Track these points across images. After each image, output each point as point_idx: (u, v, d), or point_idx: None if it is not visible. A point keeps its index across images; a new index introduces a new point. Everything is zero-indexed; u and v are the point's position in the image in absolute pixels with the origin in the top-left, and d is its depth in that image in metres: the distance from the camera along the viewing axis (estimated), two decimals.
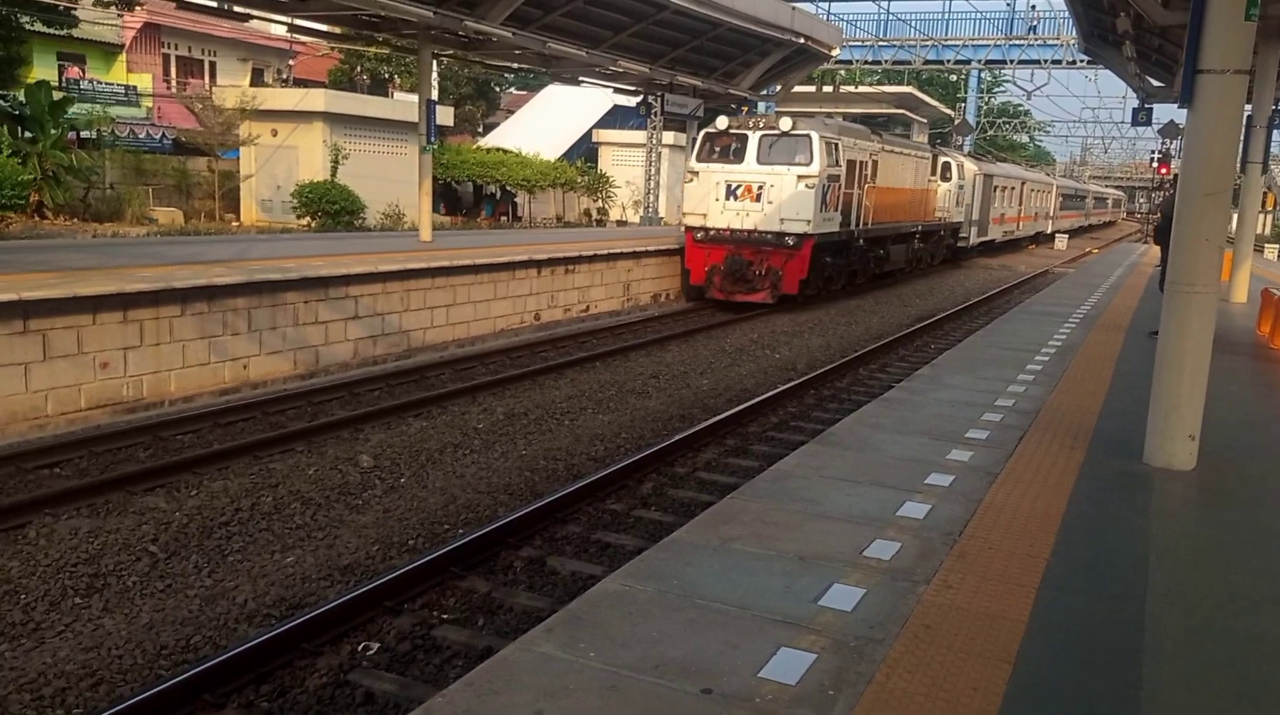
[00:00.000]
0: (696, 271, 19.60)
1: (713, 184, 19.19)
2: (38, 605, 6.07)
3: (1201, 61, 6.21)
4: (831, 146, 19.13)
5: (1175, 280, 6.49)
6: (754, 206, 18.93)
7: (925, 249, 28.42)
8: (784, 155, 18.82)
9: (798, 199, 18.52)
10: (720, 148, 19.44)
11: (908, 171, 24.68)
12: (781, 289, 18.98)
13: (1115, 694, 3.60)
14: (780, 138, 18.85)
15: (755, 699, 3.40)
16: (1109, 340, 12.31)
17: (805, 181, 18.42)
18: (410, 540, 7.25)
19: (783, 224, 18.65)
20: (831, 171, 18.95)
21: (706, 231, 19.23)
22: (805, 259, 18.87)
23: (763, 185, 18.81)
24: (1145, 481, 6.27)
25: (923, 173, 26.19)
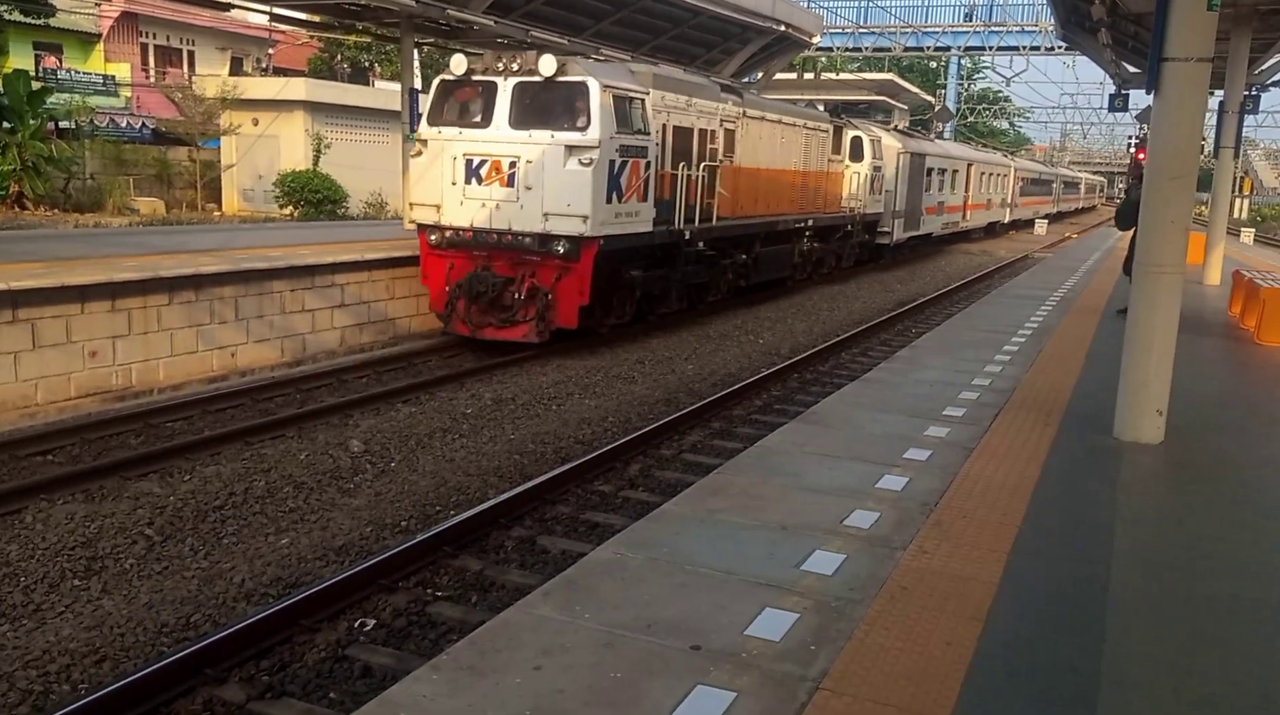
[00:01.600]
0: (436, 292, 13.32)
1: (448, 159, 12.89)
2: (37, 587, 6.19)
3: (1167, 49, 6.42)
4: (628, 104, 12.84)
5: (1143, 261, 6.72)
6: (505, 194, 12.59)
7: (824, 250, 22.50)
8: (547, 115, 12.51)
9: (567, 182, 12.24)
10: (461, 104, 13.11)
11: (792, 147, 19.05)
12: (553, 320, 12.73)
13: (1079, 647, 3.82)
14: (543, 87, 12.45)
15: (741, 654, 3.60)
16: (1084, 322, 12.59)
17: (579, 155, 12.16)
18: (402, 522, 7.41)
19: (547, 222, 12.32)
20: (628, 141, 12.73)
21: (442, 232, 13.02)
22: (585, 275, 12.51)
23: (515, 162, 12.47)
24: (1114, 455, 6.51)
25: (818, 149, 20.59)
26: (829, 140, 21.35)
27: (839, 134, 22.21)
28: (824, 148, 21.02)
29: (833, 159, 21.77)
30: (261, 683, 5.18)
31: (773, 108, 18.65)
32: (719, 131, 15.67)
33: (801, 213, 20.07)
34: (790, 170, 19.22)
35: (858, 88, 41.68)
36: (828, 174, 21.54)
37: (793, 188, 19.44)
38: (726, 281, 17.57)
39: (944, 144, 36.65)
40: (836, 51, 41.36)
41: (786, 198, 19.14)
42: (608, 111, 12.33)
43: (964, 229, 36.84)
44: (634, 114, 13.05)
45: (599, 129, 12.24)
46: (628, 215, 13.07)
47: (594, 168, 12.13)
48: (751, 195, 17.29)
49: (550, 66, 12.24)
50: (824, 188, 21.29)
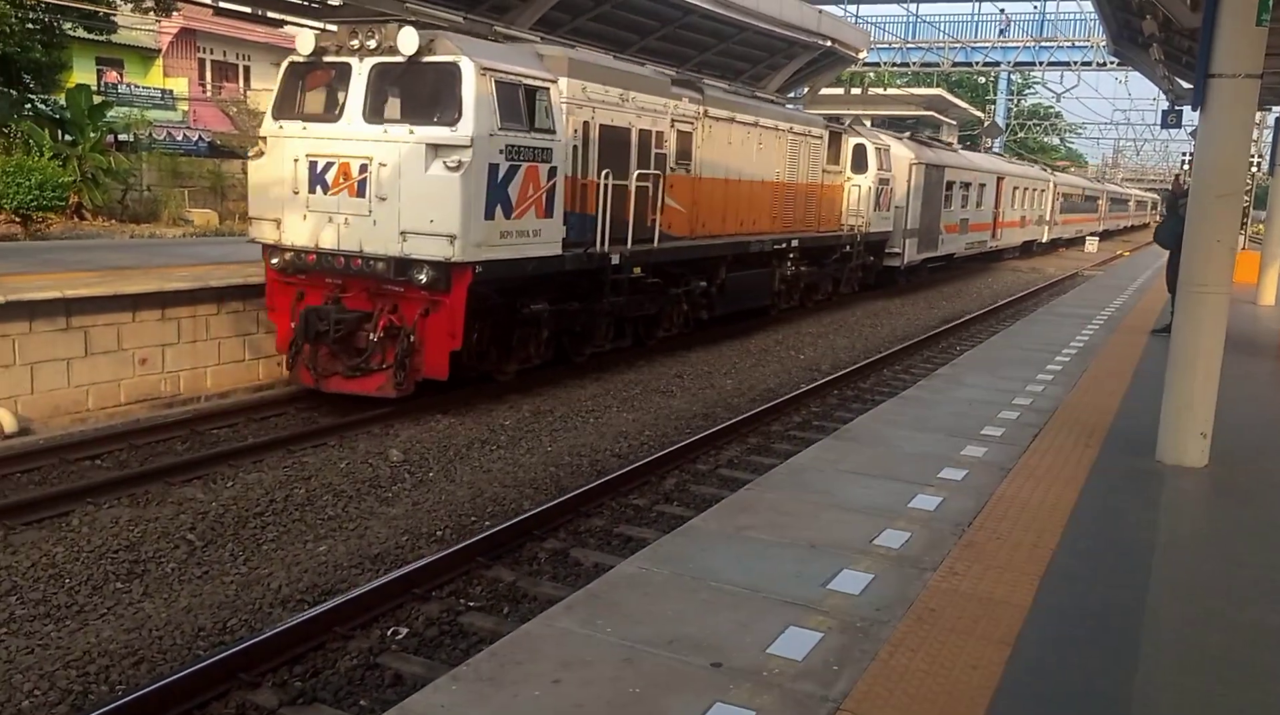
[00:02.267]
0: (282, 330, 10.78)
1: (288, 162, 10.35)
2: (81, 589, 6.33)
3: (1213, 66, 6.32)
4: (521, 93, 10.17)
5: (1187, 280, 6.61)
6: (355, 206, 9.94)
7: (816, 274, 19.39)
8: (408, 106, 10.08)
9: (430, 192, 9.61)
10: (312, 92, 10.63)
11: (772, 155, 16.45)
12: (417, 368, 10.14)
13: (1111, 674, 3.75)
14: (405, 70, 9.92)
15: (762, 672, 3.58)
16: (1131, 342, 12.37)
17: (445, 157, 9.54)
18: (438, 531, 7.48)
19: (405, 242, 9.70)
20: (521, 140, 10.09)
21: (283, 253, 10.49)
22: (458, 310, 9.87)
23: (367, 165, 9.83)
24: (1156, 478, 6.39)
25: (808, 158, 18.01)
26: (822, 148, 18.67)
27: (837, 141, 19.56)
28: (816, 156, 18.39)
29: (829, 170, 19.07)
30: (294, 688, 5.24)
31: (746, 107, 15.65)
32: (669, 134, 13.16)
33: (785, 231, 17.22)
34: (770, 182, 16.52)
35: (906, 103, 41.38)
36: (822, 187, 18.71)
37: (773, 202, 16.68)
38: (681, 313, 14.87)
39: (969, 155, 32.07)
40: (884, 66, 41.15)
41: (765, 214, 16.40)
42: (487, 102, 9.60)
43: (993, 249, 33.36)
44: (533, 107, 10.34)
45: (473, 123, 9.47)
46: (521, 235, 10.32)
47: (465, 173, 9.43)
48: (716, 211, 14.64)
49: (411, 43, 9.54)
50: (816, 203, 18.51)
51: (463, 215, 9.54)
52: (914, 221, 23.76)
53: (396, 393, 10.07)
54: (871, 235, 21.32)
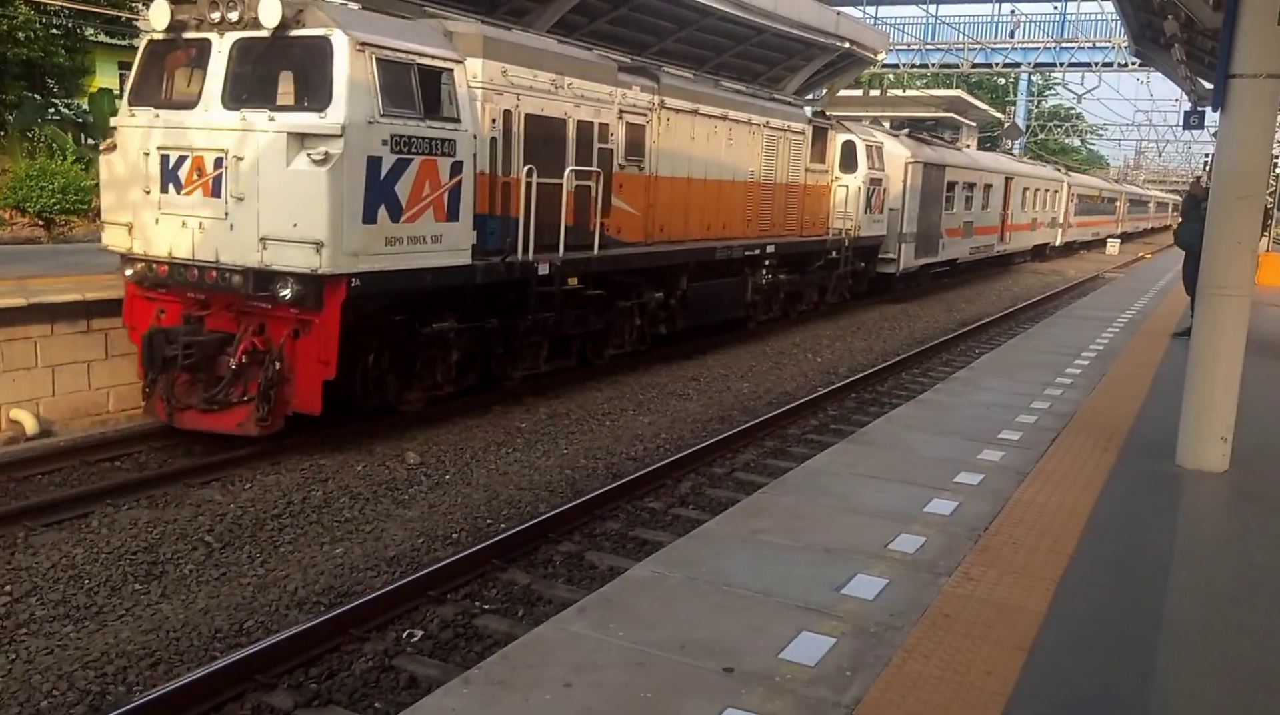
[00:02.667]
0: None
1: (139, 155, 9.03)
2: (100, 590, 6.38)
3: (1234, 66, 6.27)
4: (415, 75, 8.69)
5: (1208, 283, 6.55)
6: (211, 208, 8.58)
7: (797, 283, 17.84)
8: (270, 88, 8.63)
9: (294, 190, 8.22)
10: (171, 73, 9.16)
11: (745, 152, 15.03)
12: (286, 401, 8.67)
13: (1128, 680, 3.72)
14: (269, 47, 8.51)
15: (775, 678, 3.57)
16: (1152, 345, 12.27)
17: (311, 149, 8.16)
18: (454, 534, 7.49)
19: (265, 250, 8.29)
20: (414, 130, 8.63)
21: (134, 263, 9.20)
22: (331, 332, 8.44)
23: (223, 158, 8.47)
24: (1176, 482, 6.33)
25: (788, 156, 16.49)
26: (805, 144, 17.03)
27: (822, 137, 17.91)
28: (798, 154, 16.81)
29: (813, 168, 17.51)
30: (309, 690, 5.26)
31: (713, 99, 14.16)
32: (616, 126, 11.79)
33: (762, 236, 15.69)
34: (743, 182, 15.04)
35: (925, 104, 41.24)
36: (805, 188, 17.18)
37: (747, 204, 15.21)
38: (634, 329, 13.13)
39: (974, 154, 30.36)
40: (903, 68, 41.00)
41: (737, 217, 14.92)
42: (365, 83, 8.19)
43: (1002, 254, 31.38)
44: (434, 91, 8.87)
45: (345, 108, 8.06)
46: (416, 242, 8.82)
47: (334, 168, 8.00)
48: (677, 213, 13.23)
49: (273, 13, 8.15)
50: (798, 204, 16.99)
51: (332, 218, 8.08)
52: (910, 224, 21.96)
53: (259, 430, 8.57)
54: (862, 240, 19.61)
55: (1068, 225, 40.04)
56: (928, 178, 22.76)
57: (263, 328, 8.67)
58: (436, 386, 10.17)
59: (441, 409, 10.46)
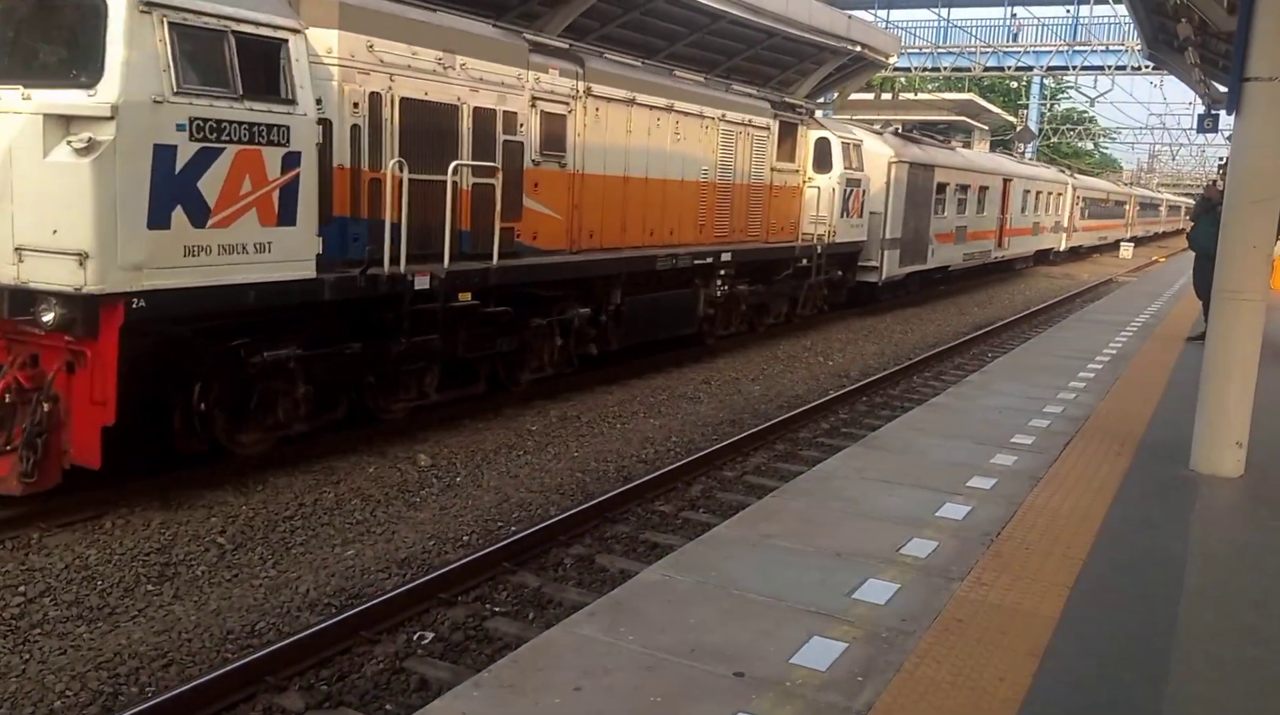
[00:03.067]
0: None
1: None
2: (113, 591, 6.40)
3: (1249, 69, 6.23)
4: (224, 46, 7.08)
5: (1223, 287, 6.51)
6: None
7: (762, 294, 15.96)
8: (31, 61, 7.10)
9: (53, 188, 6.56)
10: None
11: (695, 147, 13.44)
12: (63, 450, 7.05)
13: (1141, 687, 3.69)
14: (36, 9, 7.02)
15: (785, 682, 3.56)
16: (1166, 349, 12.21)
17: (75, 136, 6.46)
18: (465, 536, 7.50)
19: (22, 263, 6.68)
20: (227, 114, 7.08)
21: None
22: (107, 365, 6.74)
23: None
24: (1190, 487, 6.30)
25: (749, 153, 14.89)
26: (770, 141, 15.37)
27: (791, 133, 16.16)
28: (762, 151, 15.16)
29: (780, 168, 15.87)
30: (320, 692, 5.27)
31: (653, 87, 12.51)
32: (529, 115, 10.25)
33: (717, 243, 14.11)
34: (694, 182, 13.50)
35: (937, 108, 41.12)
36: (770, 189, 15.53)
37: (699, 207, 13.71)
38: (555, 349, 11.28)
39: (967, 153, 28.09)
40: (915, 71, 40.90)
41: (687, 221, 13.41)
42: (151, 53, 6.59)
43: (1000, 260, 29.43)
44: (255, 65, 7.25)
45: (120, 83, 6.45)
46: (230, 251, 7.22)
47: (100, 158, 6.40)
48: (611, 217, 11.69)
49: None
50: (763, 207, 15.36)
51: (99, 223, 6.41)
52: (895, 229, 20.22)
53: (22, 489, 6.82)
54: (839, 246, 18.04)
55: (1073, 229, 38.41)
56: (914, 179, 21.00)
57: (35, 360, 6.94)
58: (278, 426, 8.34)
59: (452, 412, 10.47)
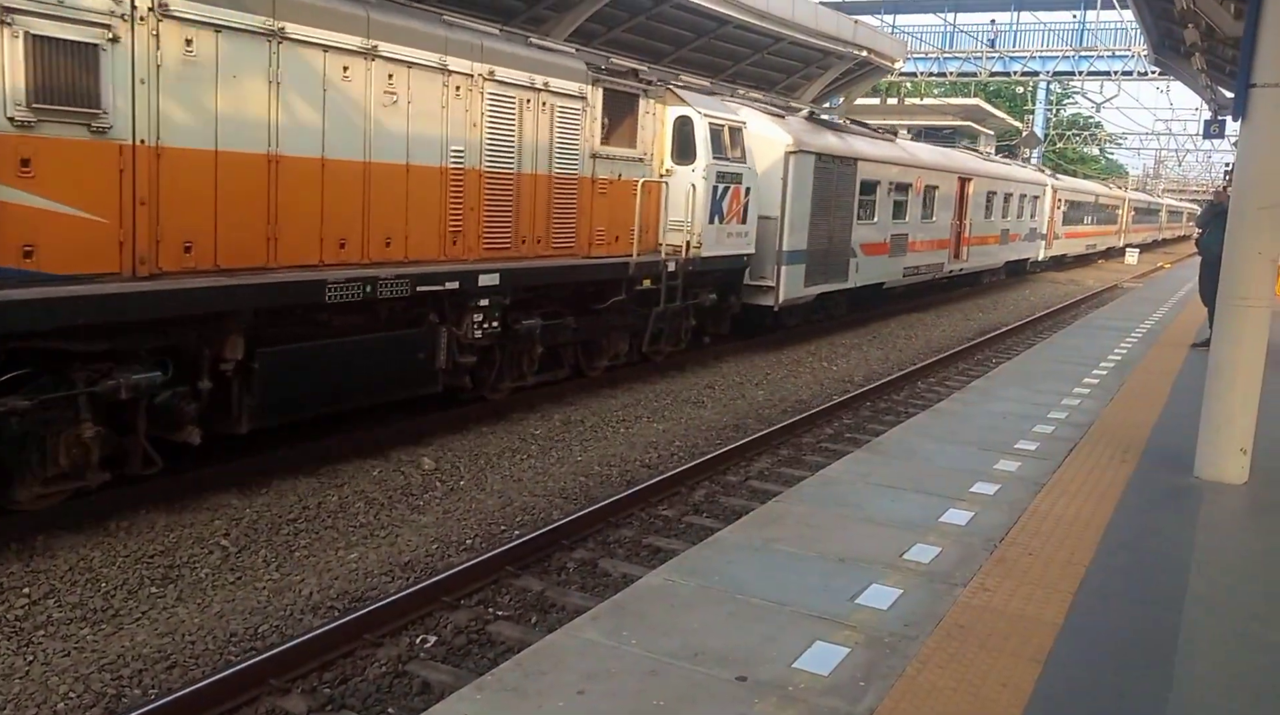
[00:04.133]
0: None
1: None
2: (117, 593, 6.41)
3: (1255, 75, 6.23)
4: None
5: (1228, 293, 6.50)
6: None
7: (574, 330, 11.55)
8: None
9: None
10: None
11: (428, 117, 9.29)
12: None
13: (1144, 694, 3.69)
14: None
15: (788, 687, 3.56)
16: (1170, 355, 12.19)
17: None
18: (468, 540, 7.51)
19: None
20: None
21: None
22: None
23: None
24: (1194, 494, 6.28)
25: (543, 130, 10.74)
26: (588, 115, 11.15)
27: (626, 107, 11.95)
28: (572, 129, 10.93)
29: (606, 154, 11.61)
30: (323, 695, 5.28)
31: (329, 14, 8.30)
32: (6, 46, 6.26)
33: (484, 259, 9.96)
34: (426, 169, 9.28)
35: (942, 113, 41.08)
36: (591, 183, 11.43)
37: (440, 207, 9.48)
38: (83, 444, 6.85)
39: (909, 145, 22.85)
40: (920, 76, 40.94)
41: (421, 227, 9.30)
42: None
43: (957, 275, 25.01)
44: None
45: None
46: None
47: None
48: (235, 218, 7.73)
49: None
50: (574, 208, 11.18)
51: None
52: (796, 239, 15.72)
53: None
54: (709, 261, 13.41)
55: (1054, 237, 34.14)
56: (826, 174, 16.48)
57: None
58: None
59: (457, 415, 10.48)
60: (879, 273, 19.54)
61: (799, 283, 16.07)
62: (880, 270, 19.60)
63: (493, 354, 10.55)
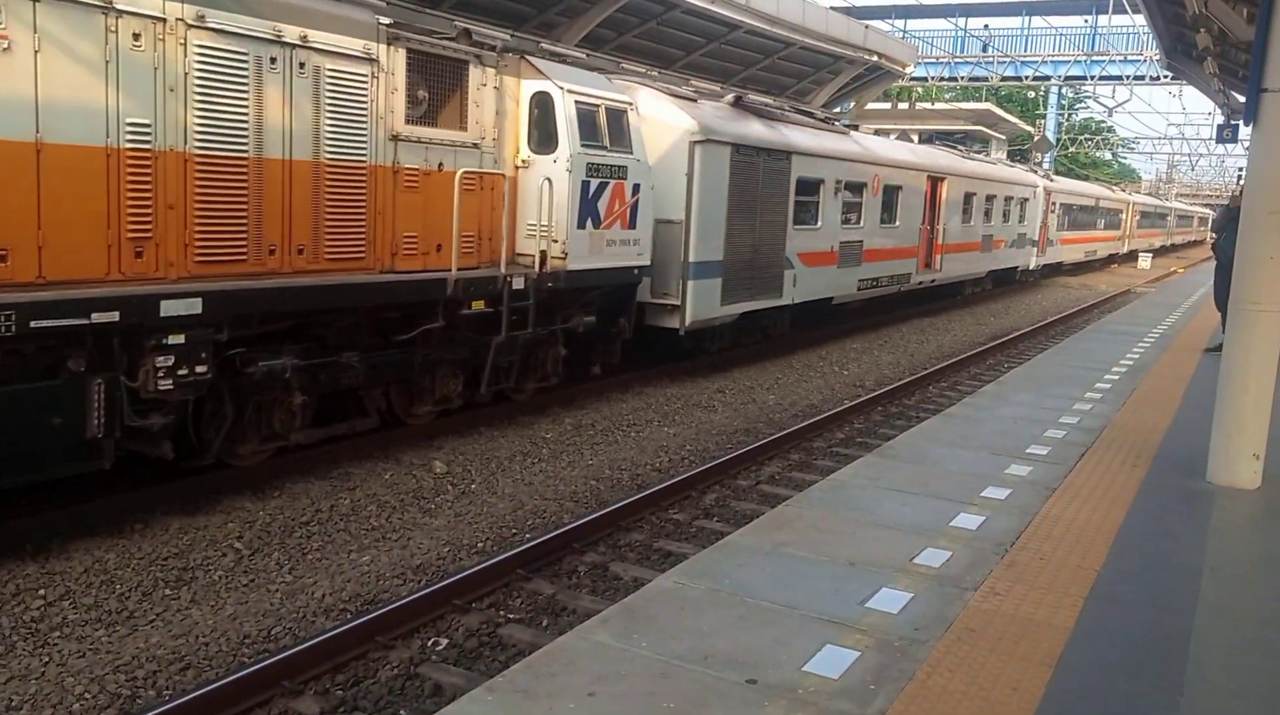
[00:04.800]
0: None
1: None
2: (132, 595, 6.46)
3: (1266, 80, 6.22)
4: None
5: (1240, 298, 6.49)
6: None
7: (365, 368, 8.81)
8: None
9: None
10: None
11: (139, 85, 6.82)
12: None
13: (1155, 699, 3.68)
14: None
15: (798, 690, 3.57)
16: (1183, 360, 12.15)
17: None
18: (479, 543, 7.53)
19: None
20: None
21: None
22: None
23: None
24: (1206, 499, 6.27)
25: (310, 101, 8.04)
26: (384, 85, 8.57)
27: (447, 77, 9.32)
28: (352, 103, 8.30)
29: (416, 138, 8.97)
30: (335, 696, 5.31)
31: None
32: None
33: (195, 276, 7.35)
34: (70, 147, 6.59)
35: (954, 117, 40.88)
36: (390, 173, 8.78)
37: (95, 198, 6.76)
38: None
39: (863, 138, 19.41)
40: (931, 81, 40.90)
41: (55, 231, 6.54)
42: None
43: (928, 286, 22.24)
44: None
45: None
46: None
47: None
48: None
49: None
50: (370, 208, 8.64)
51: None
52: (709, 247, 13.07)
53: None
54: (581, 276, 10.76)
55: (1047, 243, 31.32)
56: (747, 169, 13.75)
57: None
58: None
59: (468, 419, 10.52)
60: (825, 286, 16.76)
61: (713, 300, 13.25)
62: (827, 283, 16.78)
63: (219, 406, 7.89)
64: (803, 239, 15.61)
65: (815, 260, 16.10)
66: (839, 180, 16.66)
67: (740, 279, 13.89)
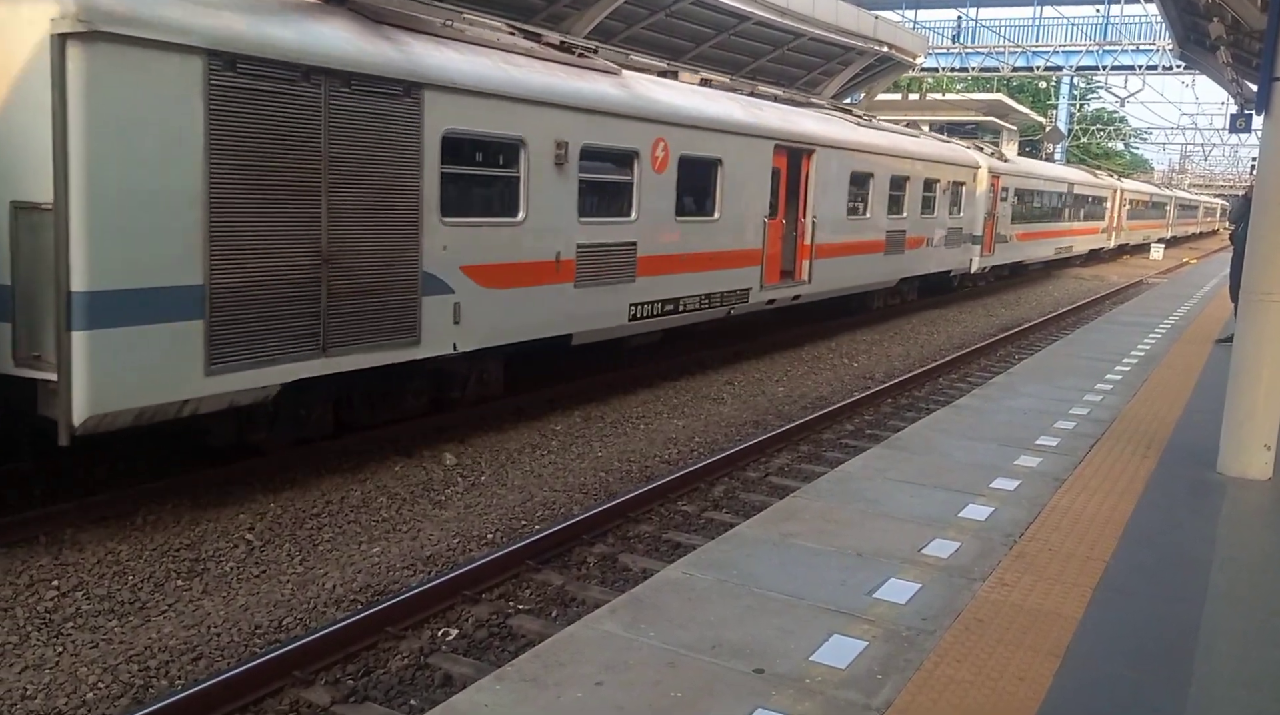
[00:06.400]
0: None
1: None
2: (144, 586, 6.50)
3: (1279, 69, 6.17)
4: None
5: (1250, 288, 6.46)
6: None
7: None
8: None
9: None
10: None
11: None
12: None
13: (1163, 689, 3.68)
14: None
15: (805, 679, 3.58)
16: (1194, 351, 12.10)
17: None
18: (489, 534, 7.56)
19: None
20: None
21: None
22: None
23: None
24: (1217, 490, 6.25)
25: None
26: None
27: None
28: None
29: None
30: (346, 686, 5.34)
31: None
32: None
33: None
34: None
35: (965, 108, 40.68)
36: None
37: None
38: None
39: (637, 79, 12.21)
40: (942, 72, 40.70)
41: None
42: None
43: (784, 303, 15.34)
44: None
45: None
46: None
47: None
48: None
49: None
50: None
51: None
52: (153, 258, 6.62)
53: None
54: None
55: (996, 239, 24.76)
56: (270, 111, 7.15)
57: None
58: None
59: (478, 412, 10.54)
60: (536, 319, 10.12)
61: (172, 365, 6.85)
62: (540, 313, 10.14)
63: None
64: (473, 241, 9.20)
65: (511, 278, 9.72)
66: (562, 143, 10.02)
67: (273, 319, 7.45)
